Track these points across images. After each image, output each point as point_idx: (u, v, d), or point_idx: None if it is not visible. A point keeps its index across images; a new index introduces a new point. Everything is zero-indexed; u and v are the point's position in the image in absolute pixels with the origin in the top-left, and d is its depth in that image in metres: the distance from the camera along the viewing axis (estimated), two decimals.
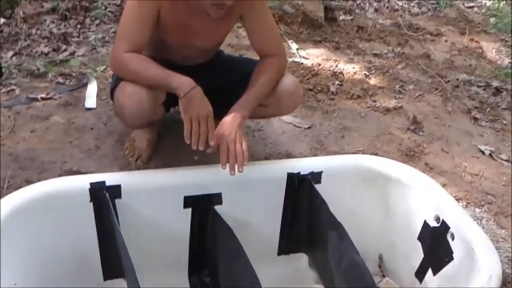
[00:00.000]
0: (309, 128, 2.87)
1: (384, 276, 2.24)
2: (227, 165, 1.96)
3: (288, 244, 2.21)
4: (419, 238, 2.08)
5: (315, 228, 2.11)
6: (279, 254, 2.22)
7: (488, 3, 5.22)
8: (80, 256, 1.90)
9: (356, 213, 2.16)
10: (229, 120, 2.01)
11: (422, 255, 2.07)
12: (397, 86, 3.46)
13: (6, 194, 1.96)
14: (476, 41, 4.38)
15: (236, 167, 1.96)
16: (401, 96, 3.37)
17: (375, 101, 3.23)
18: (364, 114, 3.09)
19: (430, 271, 2.04)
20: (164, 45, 2.18)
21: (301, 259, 2.25)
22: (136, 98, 2.04)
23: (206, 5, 1.98)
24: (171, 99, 2.10)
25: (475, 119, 3.29)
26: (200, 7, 2.02)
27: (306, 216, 2.13)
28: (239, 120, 2.02)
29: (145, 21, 2.03)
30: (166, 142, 2.51)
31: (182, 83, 1.96)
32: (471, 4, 5.18)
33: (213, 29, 2.17)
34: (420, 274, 2.08)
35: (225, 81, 2.30)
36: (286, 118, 2.85)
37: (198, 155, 2.37)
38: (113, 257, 1.89)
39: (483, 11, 5.07)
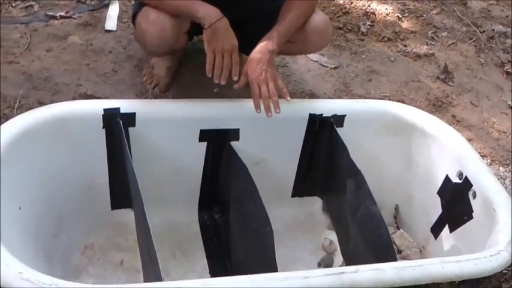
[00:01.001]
0: (335, 68, 2.82)
1: (398, 228, 2.21)
2: (262, 108, 1.87)
3: (303, 186, 2.18)
4: (439, 193, 2.04)
5: (333, 173, 2.07)
6: (292, 196, 2.20)
7: None
8: (88, 183, 1.87)
9: (376, 161, 2.13)
10: (257, 58, 1.91)
11: (440, 211, 2.03)
12: (429, 32, 3.36)
13: (17, 114, 1.92)
14: None
15: (272, 108, 1.87)
16: (433, 43, 3.28)
17: (405, 46, 3.16)
18: (393, 59, 3.02)
19: (446, 228, 2.00)
20: None
21: (315, 203, 2.23)
22: (159, 26, 1.97)
23: None
24: (195, 28, 2.03)
25: (508, 73, 3.20)
26: None
27: (324, 159, 2.09)
28: (268, 56, 1.92)
29: None
30: (186, 71, 2.46)
31: (208, 13, 1.89)
32: None
33: None
34: (436, 230, 2.05)
35: (253, 14, 2.19)
36: (313, 56, 2.79)
37: (218, 88, 2.32)
38: (121, 186, 1.87)
39: None
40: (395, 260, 1.71)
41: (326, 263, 2.05)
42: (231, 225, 1.96)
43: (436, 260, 1.59)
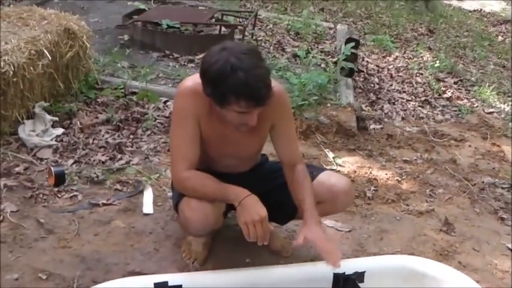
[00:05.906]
0: (349, 231, 3.04)
1: None
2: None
3: None
4: None
5: None
6: None
7: (507, 109, 5.40)
8: None
9: None
10: (315, 230, 2.25)
11: None
12: (427, 190, 3.60)
13: None
14: (497, 145, 4.51)
15: None
16: (432, 199, 3.50)
17: (408, 205, 3.37)
18: (399, 218, 3.24)
19: None
20: (207, 156, 2.36)
21: None
22: (202, 212, 2.22)
23: (234, 123, 2.17)
24: (229, 207, 2.31)
25: (502, 219, 3.40)
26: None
27: None
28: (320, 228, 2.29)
29: (193, 137, 2.24)
30: (220, 244, 2.67)
31: (237, 193, 2.16)
32: (491, 110, 5.36)
33: (248, 139, 2.35)
34: None
35: (272, 186, 2.47)
36: (328, 222, 3.00)
37: (250, 258, 2.54)
38: None
39: (502, 116, 5.24)
40: None
41: None
42: None
43: None
